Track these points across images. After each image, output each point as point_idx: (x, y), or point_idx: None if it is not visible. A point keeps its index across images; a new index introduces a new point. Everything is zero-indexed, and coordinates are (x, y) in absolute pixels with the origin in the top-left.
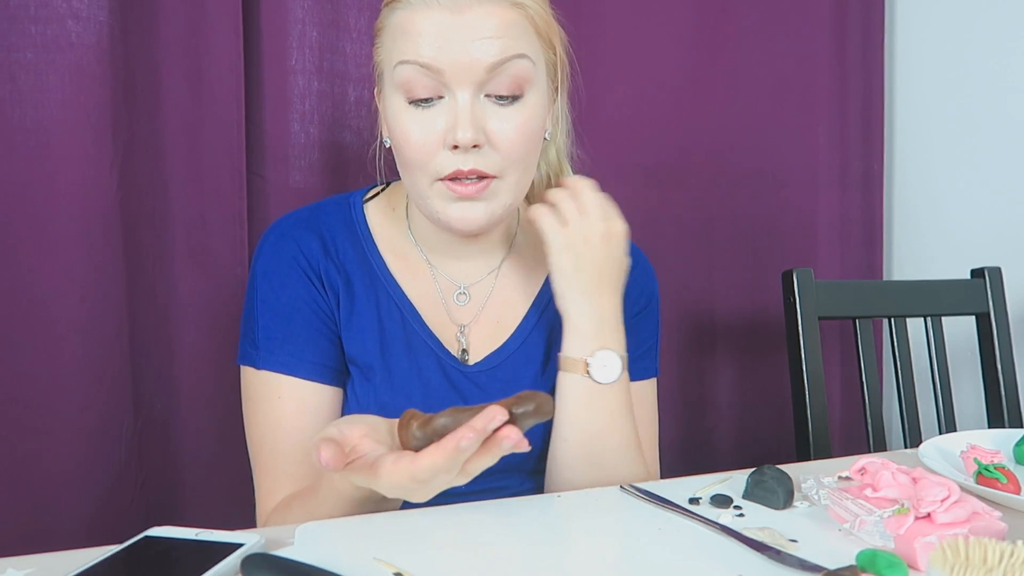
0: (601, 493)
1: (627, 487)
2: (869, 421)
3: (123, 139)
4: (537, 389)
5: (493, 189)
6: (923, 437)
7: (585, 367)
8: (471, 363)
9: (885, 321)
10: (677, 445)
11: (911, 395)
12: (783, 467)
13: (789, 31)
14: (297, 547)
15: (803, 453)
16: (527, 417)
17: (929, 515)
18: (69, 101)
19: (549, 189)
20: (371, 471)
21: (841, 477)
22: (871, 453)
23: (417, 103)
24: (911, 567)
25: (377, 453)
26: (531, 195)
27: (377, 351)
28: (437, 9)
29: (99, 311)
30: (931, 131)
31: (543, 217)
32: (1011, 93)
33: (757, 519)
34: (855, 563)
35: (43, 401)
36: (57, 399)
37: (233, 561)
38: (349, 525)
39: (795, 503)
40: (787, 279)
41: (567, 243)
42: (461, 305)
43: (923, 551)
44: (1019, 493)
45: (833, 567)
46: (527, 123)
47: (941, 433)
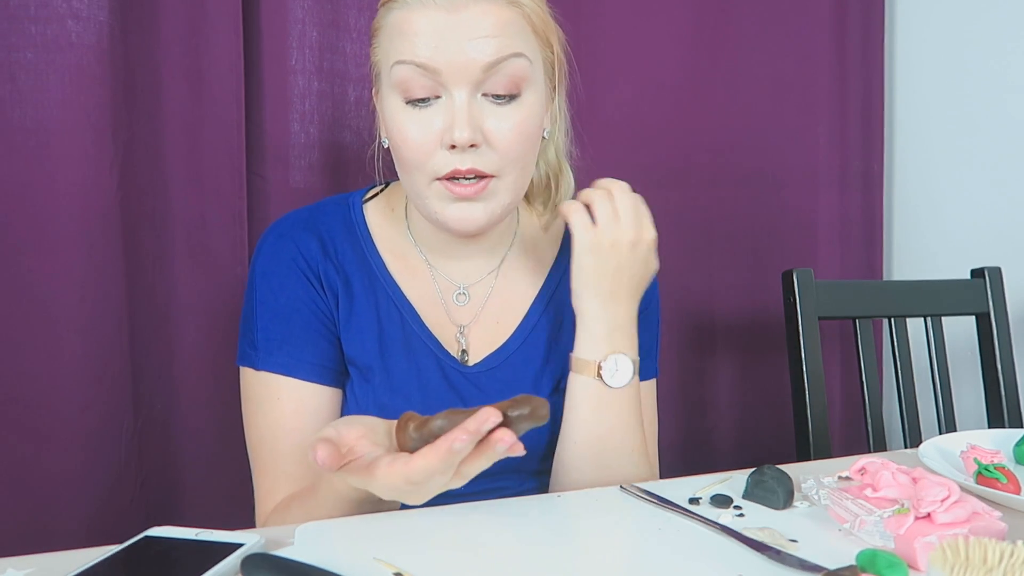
0: (601, 493)
1: (627, 487)
2: (869, 421)
3: (123, 139)
4: (537, 390)
5: (492, 189)
6: (923, 437)
7: (597, 370)
8: (471, 364)
9: (885, 321)
10: (677, 445)
11: (911, 395)
12: (783, 467)
13: (789, 31)
14: (297, 547)
15: (803, 453)
16: (522, 420)
17: (929, 515)
18: (69, 101)
19: (584, 189)
20: (367, 472)
21: (841, 477)
22: (871, 453)
23: (414, 103)
24: (911, 567)
25: (374, 455)
26: (530, 194)
27: (376, 352)
28: (433, 9)
29: (99, 311)
30: (931, 131)
31: (574, 215)
32: (1011, 93)
33: (757, 519)
34: (855, 563)
35: (43, 401)
36: (57, 399)
37: (233, 561)
38: (349, 525)
39: (795, 503)
40: (787, 279)
41: (593, 244)
42: (461, 305)
43: (923, 551)
44: (1019, 493)
45: (833, 567)
46: (525, 122)
47: (941, 433)
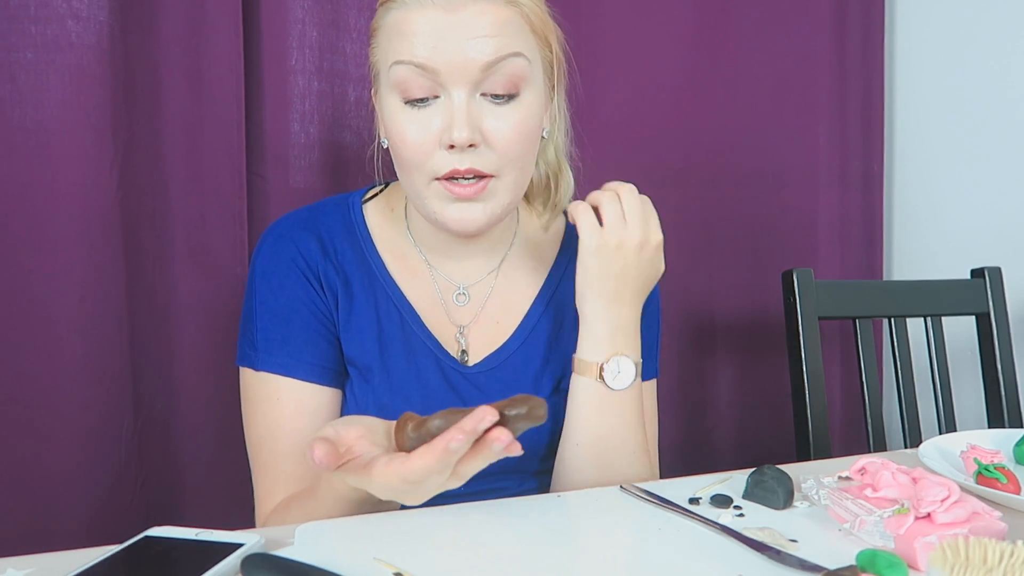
0: (601, 493)
1: (627, 487)
2: (869, 421)
3: (123, 139)
4: (537, 390)
5: (491, 189)
6: (923, 437)
7: (599, 372)
8: (470, 364)
9: (885, 321)
10: (677, 445)
11: (911, 395)
12: (783, 467)
13: (789, 31)
14: (297, 547)
15: (803, 453)
16: (519, 420)
17: (929, 515)
18: (69, 101)
19: (591, 191)
20: (364, 472)
21: (841, 477)
22: (871, 453)
23: (413, 103)
24: (911, 567)
25: (372, 454)
26: (530, 194)
27: (376, 352)
28: (431, 8)
29: (99, 311)
30: (931, 131)
31: (581, 216)
32: (1011, 93)
33: (757, 519)
34: (855, 563)
35: (43, 401)
36: (57, 399)
37: (233, 561)
38: (349, 525)
39: (795, 503)
40: (787, 279)
41: (600, 246)
42: (460, 306)
43: (923, 551)
44: (1019, 493)
45: (833, 567)
46: (523, 122)
47: (941, 433)
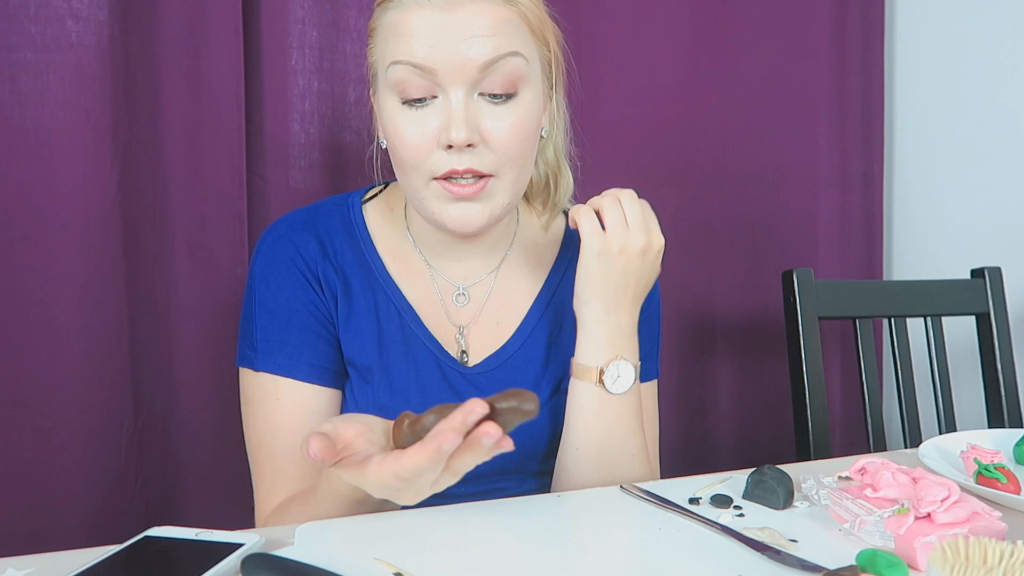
0: (601, 493)
1: (627, 487)
2: (869, 421)
3: (123, 139)
4: (537, 391)
5: (490, 189)
6: (923, 437)
7: (599, 376)
8: (470, 365)
9: (885, 321)
10: (677, 445)
11: (911, 395)
12: (783, 467)
13: (789, 31)
14: (297, 547)
15: (803, 453)
16: (509, 414)
17: (929, 515)
18: (69, 101)
19: (592, 197)
20: (360, 469)
21: (841, 477)
22: (871, 453)
23: (411, 103)
24: (911, 567)
25: (369, 452)
26: (529, 194)
27: (375, 353)
28: (429, 8)
29: (99, 311)
30: (931, 131)
31: (584, 219)
32: (1011, 93)
33: (757, 519)
34: (855, 563)
35: (43, 401)
36: (57, 400)
37: (233, 561)
38: (349, 525)
39: (795, 503)
40: (787, 279)
41: (602, 250)
42: (460, 306)
43: (923, 551)
44: (1019, 493)
45: (833, 567)
46: (522, 121)
47: (941, 433)
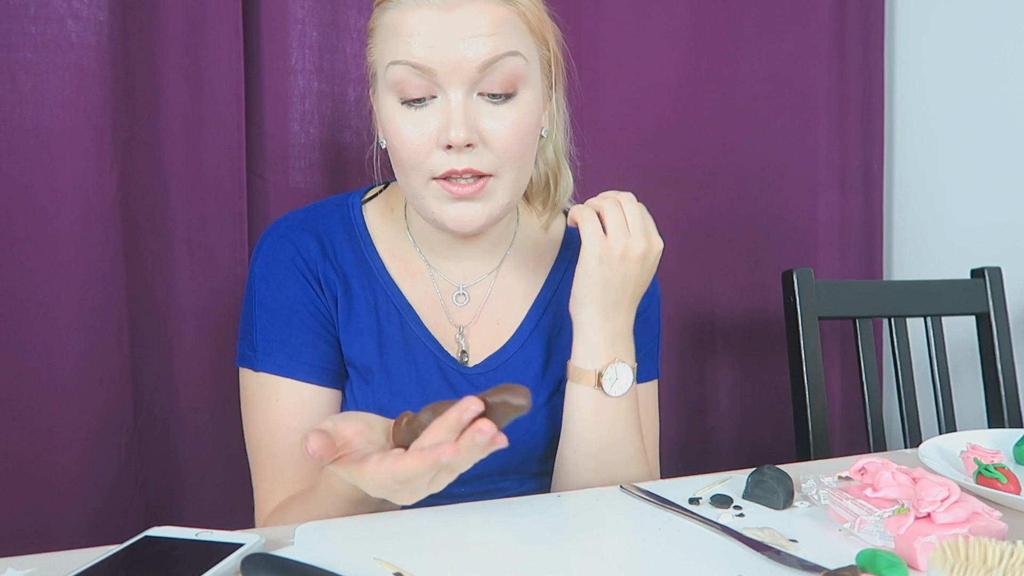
0: (601, 493)
1: (627, 487)
2: (869, 421)
3: (123, 139)
4: (538, 392)
5: (490, 189)
6: (923, 437)
7: (598, 380)
8: (471, 365)
9: (885, 321)
10: (677, 445)
11: (911, 395)
12: (783, 467)
13: (789, 31)
14: (297, 547)
15: (803, 453)
16: (501, 407)
17: (929, 515)
18: (69, 101)
19: (590, 199)
20: (358, 467)
21: (841, 477)
22: (871, 453)
23: (410, 103)
24: (911, 567)
25: (368, 450)
26: (529, 194)
27: (375, 353)
28: (427, 8)
29: (99, 311)
30: (931, 131)
31: (586, 222)
32: (1011, 93)
33: (757, 519)
34: (855, 563)
35: (43, 401)
36: (57, 400)
37: (233, 561)
38: (349, 525)
39: (795, 503)
40: (787, 279)
41: (603, 254)
42: (460, 306)
43: (923, 551)
44: (1019, 493)
45: (833, 567)
46: (521, 121)
47: (941, 433)
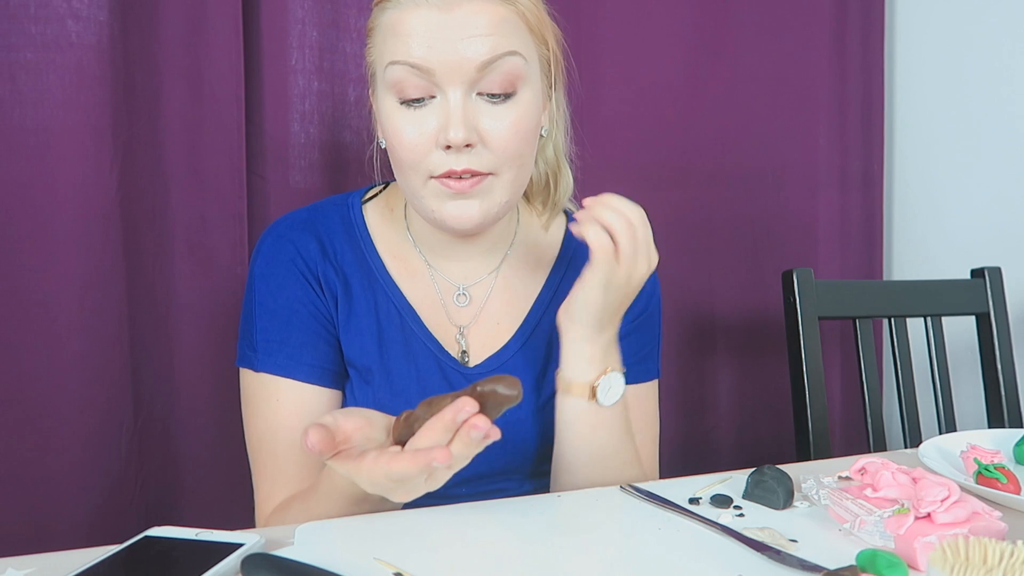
0: (601, 493)
1: (627, 487)
2: (869, 421)
3: (123, 139)
4: (538, 392)
5: (488, 185)
6: (923, 437)
7: (592, 392)
8: (471, 365)
9: (885, 321)
10: (677, 445)
11: (911, 395)
12: (783, 467)
13: (789, 31)
14: (297, 547)
15: (803, 453)
16: (492, 398)
17: (929, 515)
18: (69, 101)
19: (597, 207)
20: (355, 464)
21: (841, 477)
22: (871, 453)
23: (409, 103)
24: (911, 567)
25: (367, 447)
26: (529, 193)
27: (376, 354)
28: (426, 8)
29: (99, 311)
30: (931, 131)
31: (601, 248)
32: (1011, 93)
33: (757, 519)
34: (855, 563)
35: (43, 401)
36: (57, 399)
37: (233, 561)
38: (349, 525)
39: (795, 503)
40: (787, 279)
41: (610, 281)
42: (461, 306)
43: (923, 551)
44: (1019, 493)
45: (833, 567)
46: (520, 121)
47: (941, 433)
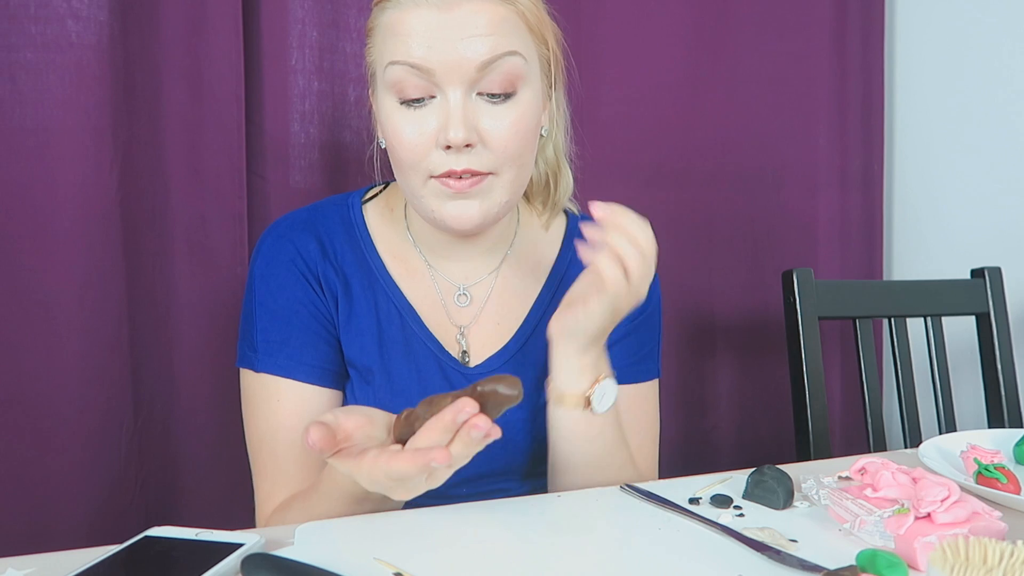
0: (601, 493)
1: (627, 487)
2: (869, 421)
3: (123, 139)
4: (539, 392)
5: (488, 185)
6: (923, 437)
7: (587, 402)
8: (472, 365)
9: (885, 321)
10: (677, 445)
11: (911, 395)
12: (783, 467)
13: (789, 31)
14: (297, 547)
15: (803, 453)
16: (492, 398)
17: (929, 515)
18: (69, 101)
19: (610, 231)
20: (355, 462)
21: (841, 477)
22: (871, 453)
23: (409, 103)
24: (911, 567)
25: (368, 445)
26: (529, 193)
27: (376, 354)
28: (426, 8)
29: (99, 311)
30: (931, 131)
31: (613, 282)
32: (1011, 93)
33: (757, 519)
34: (855, 563)
35: (43, 401)
36: (57, 399)
37: (233, 561)
38: (349, 525)
39: (795, 503)
40: (787, 279)
41: (616, 307)
42: (461, 306)
43: (923, 551)
44: (1019, 493)
45: (833, 567)
46: (520, 120)
47: (941, 433)
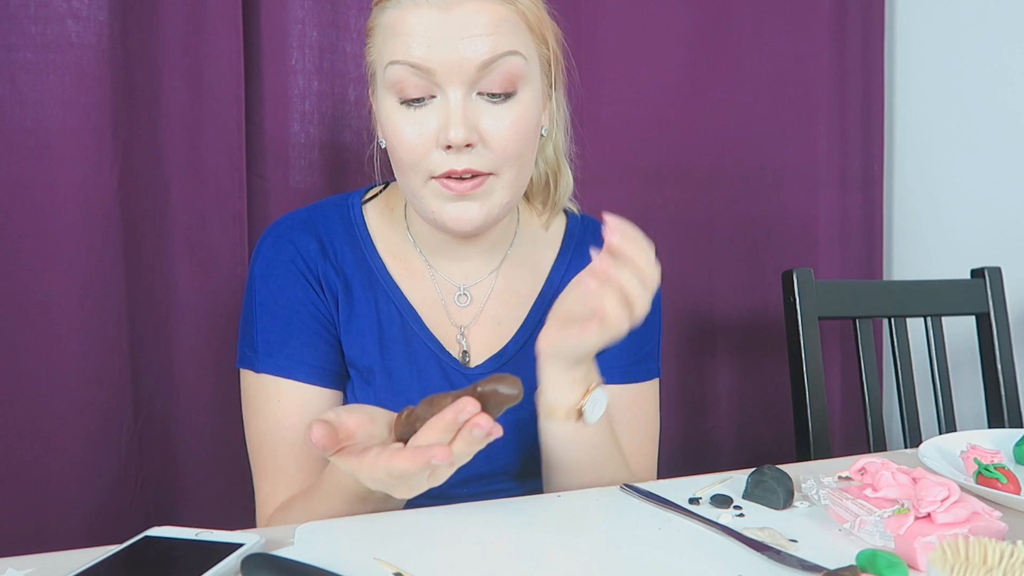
0: (601, 493)
1: (627, 487)
2: (869, 421)
3: (123, 139)
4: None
5: (488, 187)
6: (923, 437)
7: (579, 413)
8: (472, 365)
9: (885, 321)
10: (677, 445)
11: (911, 395)
12: (783, 467)
13: (789, 31)
14: (297, 547)
15: (803, 453)
16: (493, 398)
17: (929, 515)
18: (69, 101)
19: (622, 267)
20: (357, 460)
21: (841, 477)
22: (871, 453)
23: (409, 103)
24: (911, 567)
25: (369, 444)
26: (529, 193)
27: (377, 354)
28: (426, 7)
29: (99, 311)
30: (931, 131)
31: (618, 321)
32: (1011, 93)
33: (757, 519)
34: (855, 563)
35: (43, 401)
36: (57, 400)
37: (233, 561)
38: (349, 525)
39: (795, 503)
40: (787, 279)
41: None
42: (462, 307)
43: (923, 551)
44: (1019, 493)
45: (833, 567)
46: (521, 120)
47: (941, 433)
